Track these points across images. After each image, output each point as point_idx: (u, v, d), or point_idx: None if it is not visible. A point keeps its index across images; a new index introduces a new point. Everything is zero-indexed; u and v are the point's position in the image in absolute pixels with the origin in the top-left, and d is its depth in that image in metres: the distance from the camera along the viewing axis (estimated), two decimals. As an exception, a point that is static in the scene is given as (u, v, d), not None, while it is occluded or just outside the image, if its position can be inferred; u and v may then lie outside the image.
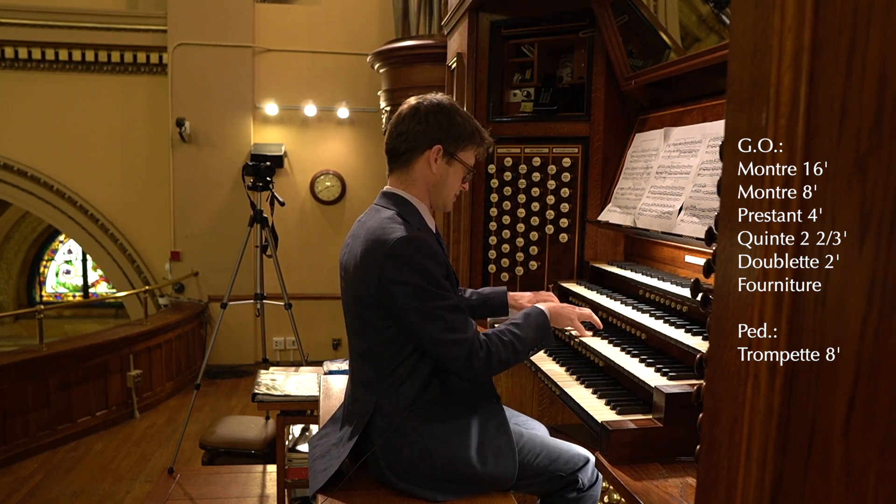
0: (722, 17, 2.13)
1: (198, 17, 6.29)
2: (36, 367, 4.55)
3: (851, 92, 0.51)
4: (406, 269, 1.62)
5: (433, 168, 1.77)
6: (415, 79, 5.18)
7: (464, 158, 1.81)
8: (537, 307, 1.85)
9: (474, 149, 1.83)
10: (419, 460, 1.68)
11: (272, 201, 4.25)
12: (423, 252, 1.64)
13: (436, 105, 1.78)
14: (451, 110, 1.79)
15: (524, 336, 1.75)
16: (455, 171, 1.81)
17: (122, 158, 6.68)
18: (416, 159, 1.78)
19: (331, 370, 2.96)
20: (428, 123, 1.76)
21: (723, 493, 0.66)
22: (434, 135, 1.76)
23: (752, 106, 0.61)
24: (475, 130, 1.82)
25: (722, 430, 0.66)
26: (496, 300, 2.13)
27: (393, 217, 1.72)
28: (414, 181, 1.80)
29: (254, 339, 6.47)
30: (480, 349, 1.67)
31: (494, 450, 1.71)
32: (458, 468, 1.68)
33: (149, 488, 3.85)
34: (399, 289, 1.63)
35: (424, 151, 1.76)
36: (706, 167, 2.12)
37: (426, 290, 1.63)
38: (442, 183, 1.80)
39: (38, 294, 11.29)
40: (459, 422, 1.71)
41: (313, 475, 1.78)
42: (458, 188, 1.86)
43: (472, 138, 1.81)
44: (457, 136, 1.78)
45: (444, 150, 1.77)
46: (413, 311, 1.64)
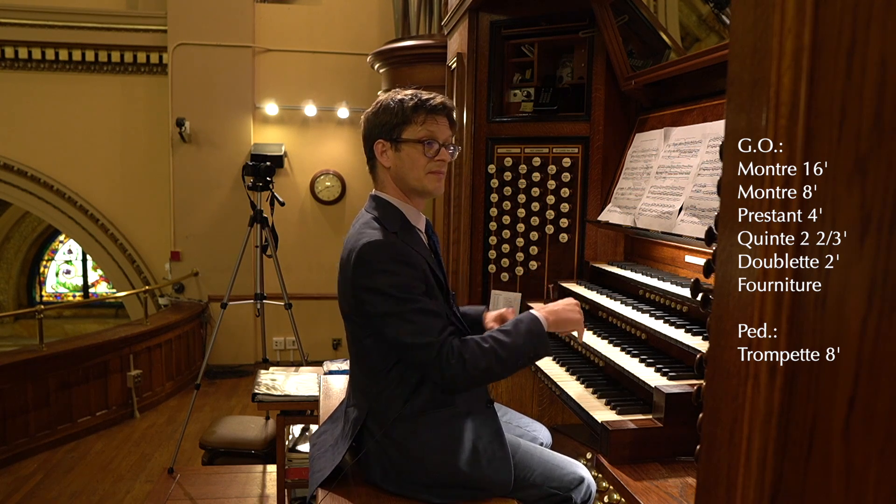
0: (722, 17, 2.13)
1: (198, 17, 6.28)
2: (36, 367, 4.55)
3: (851, 92, 0.51)
4: (373, 274, 1.62)
5: (385, 163, 1.77)
6: (415, 79, 5.18)
7: (409, 137, 1.73)
8: (531, 312, 1.73)
9: (418, 121, 1.73)
10: (411, 466, 1.68)
11: (272, 201, 4.25)
12: (390, 256, 1.62)
13: (374, 105, 1.79)
14: (385, 103, 1.76)
15: (511, 343, 1.64)
16: (408, 153, 1.74)
17: (122, 158, 6.68)
18: (374, 163, 1.80)
19: (331, 370, 2.97)
20: (368, 125, 1.78)
21: (723, 493, 0.66)
22: (372, 133, 1.77)
23: (752, 106, 0.61)
24: (411, 106, 1.73)
25: (722, 430, 0.65)
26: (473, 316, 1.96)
27: (368, 222, 1.72)
28: (382, 182, 1.80)
29: (254, 339, 6.47)
30: (451, 355, 1.58)
31: (488, 457, 1.68)
32: (450, 475, 1.67)
33: (149, 488, 3.85)
34: (369, 296, 1.63)
35: (374, 153, 1.78)
36: (706, 167, 2.11)
37: (392, 295, 1.61)
38: (402, 171, 1.75)
39: (38, 294, 11.29)
40: (451, 429, 1.69)
41: (311, 474, 1.80)
42: (427, 165, 1.75)
43: (407, 115, 1.73)
44: (390, 124, 1.74)
45: (385, 141, 1.75)
46: (382, 317, 1.63)
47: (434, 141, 1.75)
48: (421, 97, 1.75)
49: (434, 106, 1.75)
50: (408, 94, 1.76)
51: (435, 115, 1.75)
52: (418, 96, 1.75)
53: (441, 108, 1.76)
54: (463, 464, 1.66)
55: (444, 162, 1.78)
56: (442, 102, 1.77)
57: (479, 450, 1.68)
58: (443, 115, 1.77)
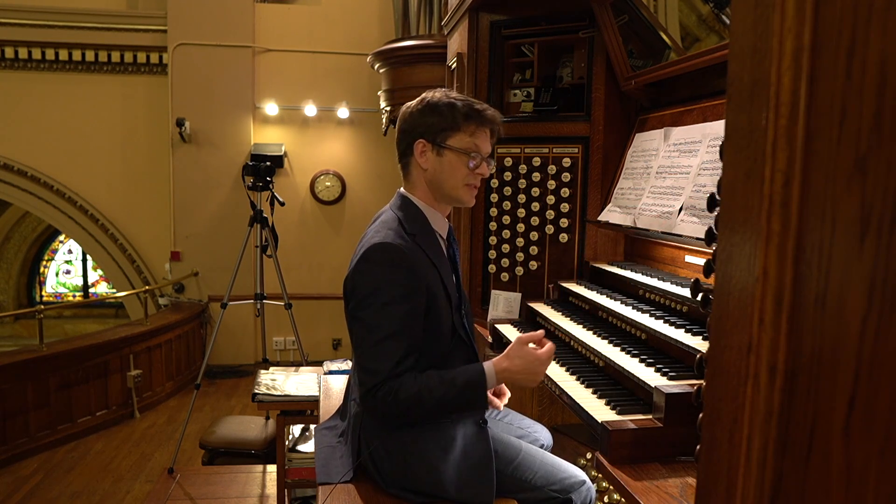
0: (722, 17, 2.13)
1: (198, 17, 6.29)
2: (36, 367, 4.55)
3: (851, 92, 0.51)
4: (369, 273, 1.61)
5: (423, 164, 1.73)
6: (415, 79, 5.18)
7: (455, 144, 1.71)
8: (480, 364, 1.67)
9: (468, 131, 1.71)
10: (401, 472, 1.69)
11: (272, 201, 4.25)
12: (393, 261, 1.60)
13: (420, 101, 1.75)
14: (434, 102, 1.72)
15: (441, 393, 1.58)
16: (450, 160, 1.71)
17: (122, 158, 6.68)
18: (410, 161, 1.76)
19: (331, 370, 2.97)
20: (412, 121, 1.74)
21: (723, 493, 0.66)
22: (415, 131, 1.73)
23: (752, 106, 0.61)
24: (463, 114, 1.69)
25: (722, 430, 0.66)
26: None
27: (388, 221, 1.71)
28: (414, 181, 1.78)
29: (254, 339, 6.47)
30: (388, 395, 1.56)
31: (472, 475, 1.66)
32: (433, 489, 1.66)
33: (149, 488, 3.85)
34: (356, 292, 1.63)
35: (413, 150, 1.74)
36: (706, 167, 2.11)
37: (374, 303, 1.59)
38: (439, 176, 1.73)
39: (38, 294, 11.30)
40: (440, 441, 1.67)
41: (317, 468, 1.82)
42: (466, 177, 1.72)
43: (457, 122, 1.69)
44: (437, 126, 1.70)
45: (427, 143, 1.72)
46: (353, 316, 1.63)
47: (479, 154, 1.72)
48: (473, 105, 1.71)
49: (486, 118, 1.71)
50: (459, 100, 1.71)
51: (484, 128, 1.72)
52: (471, 104, 1.71)
53: (491, 120, 1.72)
54: (445, 480, 1.65)
55: (482, 176, 1.75)
56: (493, 115, 1.74)
57: (463, 469, 1.66)
58: (490, 128, 1.74)
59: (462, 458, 1.67)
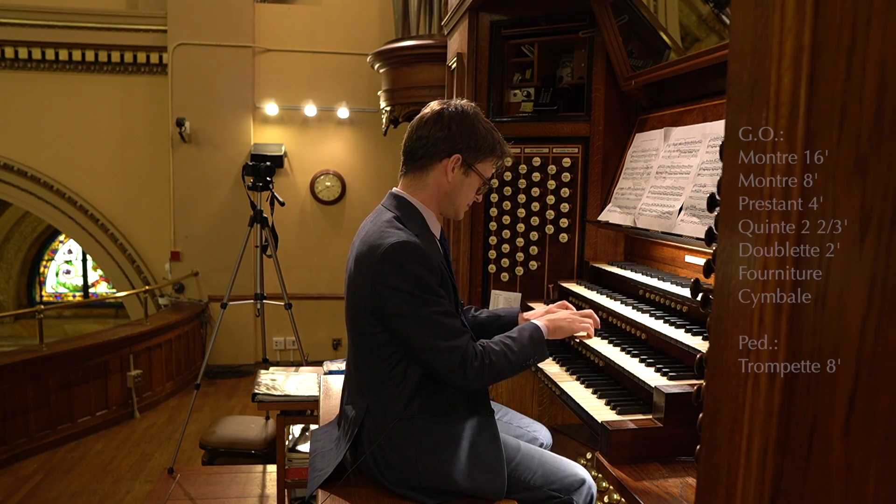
0: (722, 17, 2.13)
1: (198, 17, 6.29)
2: (36, 367, 4.55)
3: (851, 92, 0.51)
4: (399, 274, 1.61)
5: (449, 177, 1.75)
6: (415, 79, 5.18)
7: (481, 170, 1.79)
8: (533, 322, 1.82)
9: (494, 161, 1.81)
10: (407, 469, 1.68)
11: (272, 201, 4.25)
12: (416, 258, 1.62)
13: (460, 112, 1.75)
14: (475, 119, 1.76)
15: (517, 349, 1.72)
16: (471, 181, 1.79)
17: (122, 158, 6.68)
18: (433, 165, 1.76)
19: (331, 370, 2.96)
20: (450, 130, 1.73)
21: (723, 493, 0.66)
22: (455, 143, 1.73)
23: (752, 106, 0.61)
24: (497, 143, 1.79)
25: (722, 430, 0.65)
26: (507, 318, 2.03)
27: (391, 221, 1.70)
28: (425, 186, 1.77)
29: (254, 339, 6.47)
30: (475, 358, 1.64)
31: (483, 466, 1.67)
32: (443, 481, 1.66)
33: (149, 488, 3.85)
34: (391, 294, 1.62)
35: (443, 159, 1.74)
36: (706, 167, 2.11)
37: (419, 296, 1.61)
38: (455, 192, 1.78)
39: (38, 294, 11.29)
40: (449, 436, 1.68)
41: (312, 472, 1.80)
42: (472, 199, 1.84)
43: (493, 151, 1.79)
44: (477, 147, 1.75)
45: (462, 159, 1.74)
46: (405, 318, 1.63)
47: (488, 184, 1.85)
48: (500, 140, 1.81)
49: (507, 154, 1.85)
50: (488, 127, 1.79)
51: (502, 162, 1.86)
52: (497, 139, 1.81)
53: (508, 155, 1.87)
54: (456, 472, 1.65)
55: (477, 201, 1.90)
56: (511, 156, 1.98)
57: (474, 460, 1.67)
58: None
59: (471, 450, 1.67)
